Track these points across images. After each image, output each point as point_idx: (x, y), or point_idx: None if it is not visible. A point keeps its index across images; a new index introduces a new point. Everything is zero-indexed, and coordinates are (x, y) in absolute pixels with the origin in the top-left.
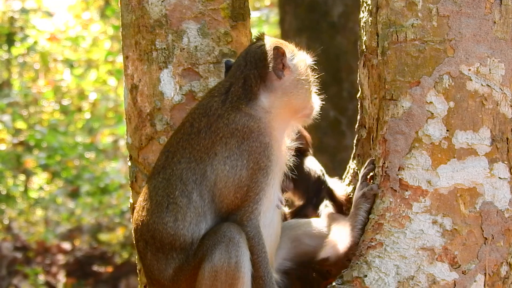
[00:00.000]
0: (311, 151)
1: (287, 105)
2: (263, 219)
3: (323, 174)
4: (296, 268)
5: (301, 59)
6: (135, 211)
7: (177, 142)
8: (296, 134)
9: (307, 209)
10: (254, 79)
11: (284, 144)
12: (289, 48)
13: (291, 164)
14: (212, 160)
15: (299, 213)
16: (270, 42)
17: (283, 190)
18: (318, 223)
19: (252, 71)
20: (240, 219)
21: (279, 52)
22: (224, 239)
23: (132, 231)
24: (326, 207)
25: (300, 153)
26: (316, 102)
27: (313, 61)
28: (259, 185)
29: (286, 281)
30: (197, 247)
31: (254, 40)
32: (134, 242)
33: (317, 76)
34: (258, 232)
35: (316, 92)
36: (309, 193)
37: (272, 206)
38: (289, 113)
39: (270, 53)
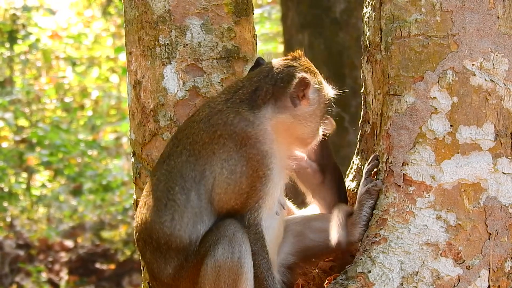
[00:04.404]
0: None
1: (290, 130)
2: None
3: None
4: (300, 263)
5: (324, 93)
6: (138, 207)
7: (184, 128)
8: None
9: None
10: (265, 93)
11: (286, 154)
12: (316, 80)
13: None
14: (211, 160)
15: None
16: (301, 68)
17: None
18: (322, 218)
19: (267, 85)
20: (241, 223)
21: (303, 82)
22: (227, 233)
23: (134, 228)
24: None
25: None
26: (320, 132)
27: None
28: (258, 193)
29: (289, 276)
30: (199, 243)
31: (290, 57)
32: (135, 240)
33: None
34: (260, 236)
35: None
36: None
37: (271, 214)
38: (289, 137)
39: (295, 80)
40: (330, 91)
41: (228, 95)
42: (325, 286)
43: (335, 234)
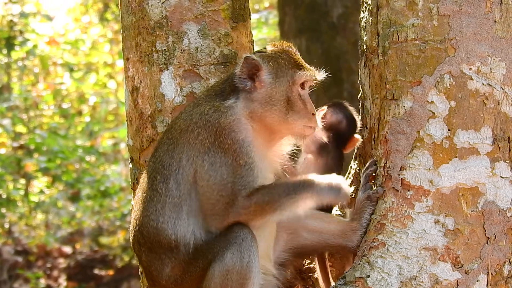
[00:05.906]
0: None
1: (262, 119)
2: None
3: None
4: (293, 260)
5: (285, 77)
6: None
7: (170, 123)
8: None
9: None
10: (231, 80)
11: (271, 145)
12: (276, 63)
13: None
14: (187, 149)
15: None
16: (260, 53)
17: None
18: (317, 218)
19: (234, 73)
20: (236, 200)
21: (249, 63)
22: (237, 240)
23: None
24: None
25: None
26: (300, 124)
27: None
28: (246, 179)
29: (284, 273)
30: (206, 249)
31: (271, 44)
32: (131, 245)
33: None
34: (258, 193)
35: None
36: None
37: None
38: (267, 127)
39: (241, 61)
40: (298, 75)
41: (209, 91)
42: None
43: (333, 239)
